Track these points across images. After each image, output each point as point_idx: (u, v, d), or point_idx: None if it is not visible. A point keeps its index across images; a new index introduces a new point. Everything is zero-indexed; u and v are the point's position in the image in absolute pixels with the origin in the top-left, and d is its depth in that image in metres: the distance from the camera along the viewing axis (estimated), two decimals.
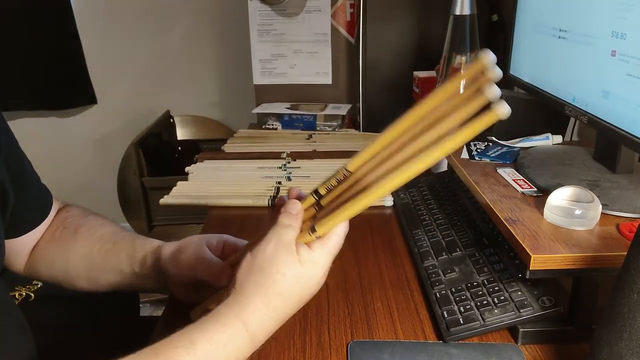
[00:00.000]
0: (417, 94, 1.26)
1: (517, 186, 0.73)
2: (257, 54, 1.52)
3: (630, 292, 0.42)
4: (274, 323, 0.48)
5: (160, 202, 1.00)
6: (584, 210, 0.60)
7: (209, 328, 0.45)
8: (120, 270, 0.67)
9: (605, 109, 0.70)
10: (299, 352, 0.59)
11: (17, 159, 0.63)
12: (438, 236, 0.78)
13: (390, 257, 0.79)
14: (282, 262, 0.48)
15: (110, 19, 2.13)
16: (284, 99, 1.54)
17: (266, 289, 0.47)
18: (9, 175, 0.59)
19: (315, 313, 0.66)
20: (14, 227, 0.65)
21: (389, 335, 0.62)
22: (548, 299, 0.60)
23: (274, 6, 1.46)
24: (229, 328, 0.46)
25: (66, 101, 2.17)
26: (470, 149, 0.88)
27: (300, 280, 0.48)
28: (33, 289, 0.78)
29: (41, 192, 0.69)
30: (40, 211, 0.69)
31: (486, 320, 0.59)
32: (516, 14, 0.96)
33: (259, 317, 0.47)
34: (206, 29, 2.15)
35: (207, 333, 0.45)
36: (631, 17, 0.64)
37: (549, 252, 0.56)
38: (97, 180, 2.29)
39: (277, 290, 0.47)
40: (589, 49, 0.73)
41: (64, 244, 0.69)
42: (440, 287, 0.67)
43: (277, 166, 1.13)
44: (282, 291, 0.47)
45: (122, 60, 2.17)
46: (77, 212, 0.73)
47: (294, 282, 0.48)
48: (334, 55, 1.51)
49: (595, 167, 0.77)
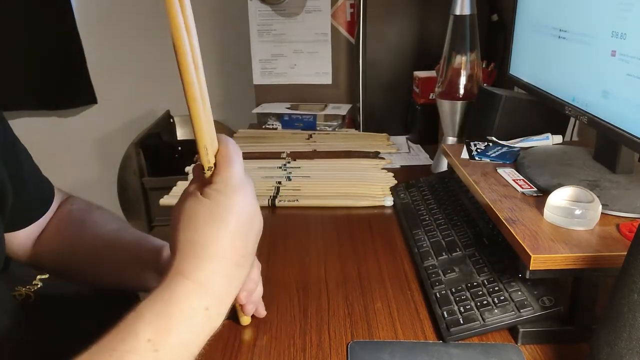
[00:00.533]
0: (417, 94, 1.26)
1: (517, 186, 0.73)
2: (257, 54, 1.52)
3: (630, 292, 0.42)
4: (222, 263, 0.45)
5: (160, 202, 1.00)
6: (584, 210, 0.60)
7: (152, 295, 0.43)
8: (124, 269, 0.67)
9: (605, 109, 0.70)
10: (299, 352, 0.59)
11: (15, 155, 0.63)
12: (438, 236, 0.78)
13: (390, 257, 0.79)
14: (188, 206, 0.46)
15: (110, 19, 2.13)
16: (284, 99, 1.54)
17: (187, 238, 0.45)
18: (7, 171, 0.59)
19: (315, 313, 0.66)
20: (14, 222, 0.65)
21: (389, 335, 0.62)
22: (548, 299, 0.60)
23: (274, 6, 1.46)
24: (168, 283, 0.43)
25: (66, 101, 2.17)
26: (470, 149, 0.88)
27: (212, 209, 0.45)
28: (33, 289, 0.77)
29: (41, 187, 0.70)
30: (40, 206, 0.69)
31: (486, 320, 0.59)
32: (516, 14, 0.96)
33: (193, 263, 0.44)
34: (206, 29, 2.15)
35: (151, 298, 0.43)
36: (631, 17, 0.64)
37: (549, 252, 0.56)
38: (97, 180, 2.29)
39: (193, 229, 0.45)
40: (589, 49, 0.73)
41: (70, 237, 0.69)
42: (440, 287, 0.67)
43: (277, 166, 1.13)
44: (198, 228, 0.45)
45: (122, 60, 2.18)
46: (83, 206, 0.73)
47: (208, 215, 0.45)
48: (334, 55, 1.51)
49: (595, 167, 0.77)
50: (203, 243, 0.44)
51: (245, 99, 1.82)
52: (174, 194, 1.03)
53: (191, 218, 0.45)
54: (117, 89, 2.21)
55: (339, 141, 1.31)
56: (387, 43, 1.31)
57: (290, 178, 1.08)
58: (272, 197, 0.98)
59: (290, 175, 1.09)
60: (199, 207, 0.45)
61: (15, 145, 0.64)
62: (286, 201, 0.98)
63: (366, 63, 1.32)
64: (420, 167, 1.16)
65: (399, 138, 1.34)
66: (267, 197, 0.98)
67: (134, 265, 0.66)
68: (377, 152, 1.21)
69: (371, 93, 1.34)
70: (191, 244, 0.44)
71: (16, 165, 0.63)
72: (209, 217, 0.45)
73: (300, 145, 1.28)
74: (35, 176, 0.68)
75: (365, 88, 1.33)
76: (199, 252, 0.44)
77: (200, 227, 0.45)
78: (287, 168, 1.12)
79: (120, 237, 0.68)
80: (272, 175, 1.09)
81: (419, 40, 1.30)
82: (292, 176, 1.08)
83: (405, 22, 1.30)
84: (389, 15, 1.29)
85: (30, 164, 0.67)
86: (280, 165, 1.13)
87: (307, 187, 1.04)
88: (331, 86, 1.53)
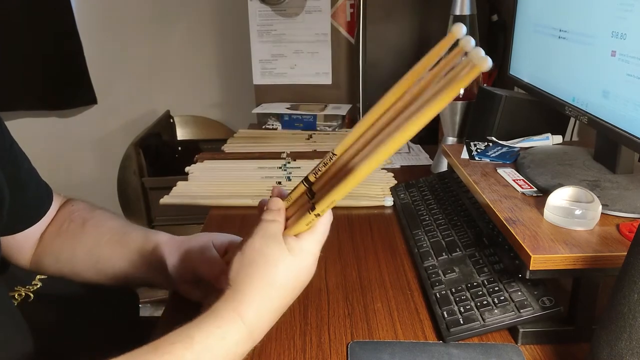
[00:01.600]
0: None
1: (517, 186, 0.73)
2: (257, 54, 1.52)
3: (630, 292, 0.42)
4: (271, 314, 0.48)
5: (160, 202, 1.01)
6: (584, 210, 0.60)
7: (206, 323, 0.45)
8: (129, 262, 0.67)
9: (605, 109, 0.70)
10: (299, 352, 0.59)
11: (12, 157, 0.63)
12: (438, 236, 0.78)
13: (390, 257, 0.79)
14: (271, 253, 0.48)
15: (110, 19, 2.12)
16: (284, 99, 1.54)
17: (258, 281, 0.47)
18: (4, 173, 0.59)
19: (315, 313, 0.66)
20: (11, 224, 0.65)
21: (389, 336, 0.62)
22: (548, 299, 0.60)
23: (274, 6, 1.46)
24: (226, 321, 0.46)
25: (66, 101, 2.17)
26: (470, 149, 0.88)
27: (291, 269, 0.48)
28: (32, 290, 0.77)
29: (39, 190, 0.69)
30: (38, 208, 0.69)
31: (486, 321, 0.59)
32: (516, 14, 0.96)
33: (255, 309, 0.47)
34: (206, 29, 2.15)
35: (205, 328, 0.45)
36: (631, 17, 0.64)
37: (549, 252, 0.56)
38: (97, 180, 2.29)
39: (269, 280, 0.47)
40: (589, 49, 0.73)
41: (72, 236, 0.69)
42: (440, 287, 0.67)
43: (277, 166, 1.13)
44: (275, 281, 0.48)
45: (122, 60, 2.17)
46: (84, 206, 0.73)
47: (286, 272, 0.48)
48: (334, 55, 1.51)
49: (595, 167, 0.77)
50: (270, 297, 0.47)
51: (245, 99, 1.82)
52: (174, 193, 1.03)
53: (270, 265, 0.48)
54: (117, 89, 2.21)
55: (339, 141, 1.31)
56: (387, 43, 1.31)
57: (290, 178, 1.07)
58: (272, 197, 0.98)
59: (290, 176, 1.08)
60: (283, 259, 0.48)
61: (13, 148, 0.64)
62: None
63: (366, 63, 1.32)
64: (420, 167, 1.16)
65: None
66: (267, 197, 0.98)
67: (139, 257, 0.66)
68: None
69: (371, 93, 1.34)
70: (262, 293, 0.47)
71: (14, 167, 0.63)
72: (291, 275, 0.48)
73: (300, 146, 1.28)
74: (33, 179, 0.68)
75: (365, 88, 1.33)
76: (265, 304, 0.47)
77: (277, 281, 0.48)
78: (287, 168, 1.12)
79: (125, 232, 0.68)
80: (272, 175, 1.09)
81: (419, 40, 1.30)
82: (292, 176, 1.08)
83: (405, 22, 1.30)
84: (389, 15, 1.29)
85: (28, 166, 0.67)
86: (280, 166, 1.13)
87: None
88: (331, 86, 1.53)
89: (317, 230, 0.50)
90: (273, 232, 0.49)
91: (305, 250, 0.49)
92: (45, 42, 2.06)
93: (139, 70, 2.19)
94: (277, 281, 0.48)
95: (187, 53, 2.18)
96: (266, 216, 0.51)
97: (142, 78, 2.20)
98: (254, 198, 0.99)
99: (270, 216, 0.51)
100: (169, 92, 2.21)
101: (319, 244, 0.51)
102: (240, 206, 0.98)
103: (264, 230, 0.49)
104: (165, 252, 0.64)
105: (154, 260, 0.65)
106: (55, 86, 2.12)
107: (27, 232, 0.68)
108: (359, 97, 1.35)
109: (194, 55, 2.18)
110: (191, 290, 0.65)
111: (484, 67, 0.38)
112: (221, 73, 2.20)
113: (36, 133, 2.20)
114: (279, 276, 0.48)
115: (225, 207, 0.98)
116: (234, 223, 0.92)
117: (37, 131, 2.21)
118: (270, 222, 0.50)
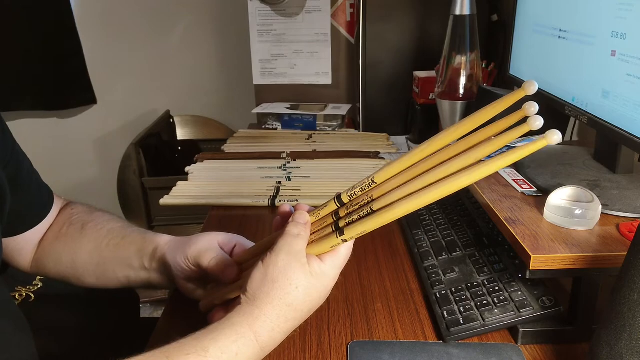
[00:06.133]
0: (417, 94, 1.26)
1: (517, 186, 0.73)
2: (257, 54, 1.52)
3: (630, 292, 0.42)
4: (282, 334, 0.49)
5: (160, 202, 1.01)
6: (584, 210, 0.60)
7: (221, 336, 0.46)
8: (130, 264, 0.67)
9: (605, 109, 0.70)
10: (299, 352, 0.59)
11: (14, 159, 0.63)
12: (438, 236, 0.78)
13: (390, 257, 0.79)
14: (294, 274, 0.48)
15: (110, 18, 2.12)
16: (284, 99, 1.54)
17: (278, 301, 0.48)
18: (6, 175, 0.59)
19: (315, 313, 0.65)
20: (12, 226, 0.65)
21: (389, 336, 0.62)
22: (548, 299, 0.60)
23: (274, 6, 1.46)
24: (242, 338, 0.46)
25: (66, 101, 2.17)
26: None
27: (311, 292, 0.49)
28: (33, 290, 0.77)
29: (40, 192, 0.69)
30: (39, 210, 0.69)
31: (486, 320, 0.59)
32: (516, 14, 0.96)
33: (269, 328, 0.48)
34: (206, 29, 2.15)
35: (220, 342, 0.45)
36: (631, 17, 0.64)
37: (549, 252, 0.56)
38: (97, 180, 2.29)
39: (289, 301, 0.48)
40: (589, 49, 0.73)
41: (71, 240, 0.69)
42: (440, 287, 0.67)
43: (277, 166, 1.13)
44: (294, 303, 0.48)
45: (122, 60, 2.17)
46: (84, 209, 0.73)
47: (305, 294, 0.49)
48: (334, 55, 1.51)
49: (595, 167, 0.77)
50: (286, 317, 0.48)
51: (245, 99, 1.83)
52: (174, 194, 1.03)
53: (292, 287, 0.48)
54: (116, 89, 2.21)
55: (339, 141, 1.31)
56: (387, 43, 1.31)
57: (290, 178, 1.08)
58: (272, 197, 0.98)
59: (290, 176, 1.09)
60: (305, 282, 0.49)
61: (15, 149, 0.64)
62: (286, 201, 0.98)
63: (366, 63, 1.32)
64: None
65: (399, 138, 1.34)
66: (267, 197, 0.98)
67: (139, 259, 0.66)
68: (377, 152, 1.21)
69: (371, 93, 1.34)
70: (279, 314, 0.48)
71: (16, 169, 0.63)
72: (308, 298, 0.49)
73: (300, 146, 1.28)
74: (34, 181, 0.68)
75: (365, 88, 1.33)
76: (280, 325, 0.48)
77: (295, 303, 0.48)
78: (287, 168, 1.12)
79: (125, 234, 0.68)
80: (272, 175, 1.09)
81: (419, 40, 1.30)
82: (292, 176, 1.08)
83: (405, 22, 1.30)
84: (389, 15, 1.29)
85: (29, 168, 0.67)
86: (280, 166, 1.13)
87: (307, 187, 1.04)
88: (331, 86, 1.53)
89: (339, 255, 0.51)
90: (297, 249, 0.49)
91: (326, 275, 0.50)
92: (45, 42, 2.06)
93: (138, 70, 2.19)
94: (295, 303, 0.48)
95: (186, 53, 2.18)
96: (292, 229, 0.51)
97: (142, 78, 2.20)
98: (253, 198, 0.99)
99: (296, 230, 0.51)
100: (169, 92, 2.21)
101: (339, 269, 0.51)
102: (240, 206, 0.98)
103: (289, 247, 0.49)
104: (167, 252, 0.64)
105: (154, 262, 0.65)
106: (55, 86, 2.12)
107: (27, 234, 0.68)
108: (359, 97, 1.35)
109: (193, 55, 2.18)
110: (193, 290, 0.65)
111: (551, 142, 0.39)
112: (221, 73, 2.20)
113: (36, 133, 2.20)
114: (298, 298, 0.48)
115: (225, 207, 0.98)
116: (234, 223, 0.92)
117: (37, 131, 2.21)
118: (296, 237, 0.50)
